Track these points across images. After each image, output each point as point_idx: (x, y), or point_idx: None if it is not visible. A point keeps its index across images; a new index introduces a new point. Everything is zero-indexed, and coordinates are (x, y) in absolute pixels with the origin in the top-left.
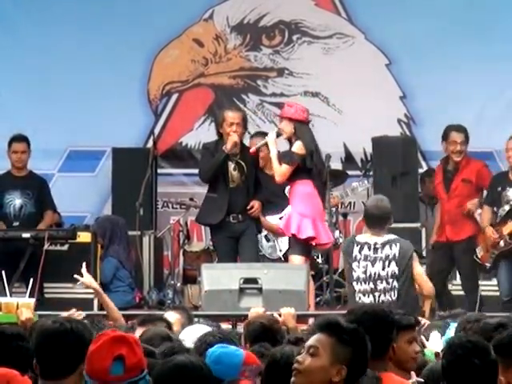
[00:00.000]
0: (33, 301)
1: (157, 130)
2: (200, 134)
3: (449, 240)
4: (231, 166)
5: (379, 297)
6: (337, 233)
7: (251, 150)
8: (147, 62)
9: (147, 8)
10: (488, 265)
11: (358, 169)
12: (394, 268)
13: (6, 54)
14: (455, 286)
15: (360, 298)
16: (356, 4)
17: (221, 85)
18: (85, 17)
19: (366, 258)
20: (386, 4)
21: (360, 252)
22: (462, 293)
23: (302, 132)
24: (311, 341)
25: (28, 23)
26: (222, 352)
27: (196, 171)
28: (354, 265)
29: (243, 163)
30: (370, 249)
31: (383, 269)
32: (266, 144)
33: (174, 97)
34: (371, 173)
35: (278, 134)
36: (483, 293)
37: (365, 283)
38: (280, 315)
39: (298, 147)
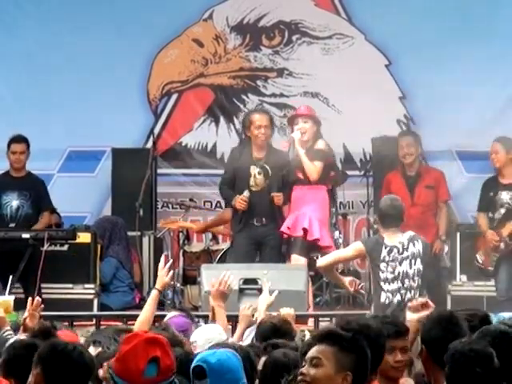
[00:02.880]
0: (12, 299)
1: (156, 130)
2: (200, 134)
3: None
4: (255, 170)
5: (405, 294)
6: (336, 233)
7: (282, 146)
8: (147, 61)
9: (147, 8)
10: (491, 268)
11: (357, 169)
12: (419, 266)
13: (6, 54)
14: (455, 287)
15: (388, 298)
16: (356, 4)
17: (220, 85)
18: (85, 17)
19: (394, 259)
20: (386, 4)
21: (389, 254)
22: (463, 293)
23: (321, 134)
24: (312, 352)
25: (28, 23)
26: (223, 359)
27: (196, 171)
28: (382, 265)
29: (268, 167)
30: (398, 251)
31: (410, 267)
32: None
33: (174, 97)
34: (371, 173)
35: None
36: (484, 293)
37: (393, 282)
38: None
39: (324, 144)
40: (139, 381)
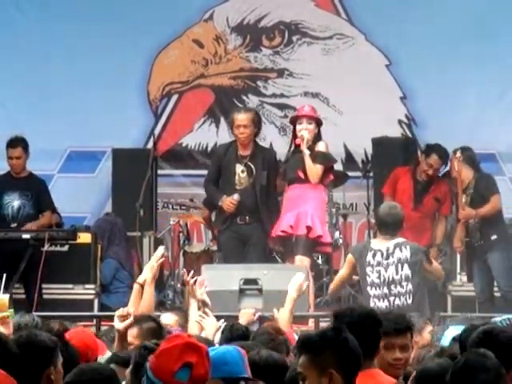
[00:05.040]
0: (7, 297)
1: (157, 131)
2: (200, 135)
3: None
4: (239, 168)
5: (394, 301)
6: (336, 234)
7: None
8: (147, 62)
9: (147, 8)
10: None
11: (359, 170)
12: (406, 271)
13: (6, 54)
14: (455, 287)
15: (375, 303)
16: (356, 5)
17: (221, 86)
18: (85, 18)
19: (379, 263)
20: (386, 5)
21: (374, 258)
22: (462, 293)
23: (321, 135)
24: (298, 368)
25: (28, 24)
26: (222, 352)
27: (196, 172)
28: (368, 270)
29: (253, 165)
30: (382, 255)
31: (397, 273)
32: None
33: (174, 98)
34: (371, 174)
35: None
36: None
37: (379, 288)
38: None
39: (325, 146)
40: (170, 381)
